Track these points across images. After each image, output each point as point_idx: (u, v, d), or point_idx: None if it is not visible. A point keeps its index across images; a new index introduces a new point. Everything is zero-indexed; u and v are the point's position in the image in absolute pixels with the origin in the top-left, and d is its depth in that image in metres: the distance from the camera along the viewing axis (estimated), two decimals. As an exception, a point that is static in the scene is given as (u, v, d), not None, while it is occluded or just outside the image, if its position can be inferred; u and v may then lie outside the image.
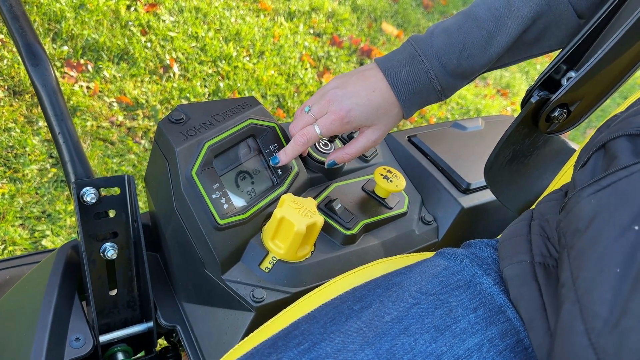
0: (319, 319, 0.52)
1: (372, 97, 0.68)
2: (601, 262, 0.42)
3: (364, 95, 0.68)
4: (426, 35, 0.69)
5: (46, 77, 0.73)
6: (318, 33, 2.86)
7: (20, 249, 1.43)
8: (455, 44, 0.66)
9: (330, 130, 0.69)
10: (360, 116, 0.69)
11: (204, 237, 0.63)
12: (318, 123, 0.69)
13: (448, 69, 0.68)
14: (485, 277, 0.56)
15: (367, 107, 0.68)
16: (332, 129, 0.69)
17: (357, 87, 0.69)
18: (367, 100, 0.68)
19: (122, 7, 2.21)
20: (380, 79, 0.69)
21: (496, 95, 3.32)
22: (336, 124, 0.68)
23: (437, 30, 0.68)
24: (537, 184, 0.78)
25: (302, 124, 0.70)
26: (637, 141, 0.48)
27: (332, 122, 0.68)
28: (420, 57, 0.68)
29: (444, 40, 0.67)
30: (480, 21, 0.66)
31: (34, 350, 0.61)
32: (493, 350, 0.50)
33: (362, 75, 0.70)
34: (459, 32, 0.66)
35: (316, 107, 0.70)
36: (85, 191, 0.64)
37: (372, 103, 0.68)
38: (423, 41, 0.68)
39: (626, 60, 0.62)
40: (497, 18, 0.65)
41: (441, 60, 0.67)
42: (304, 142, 0.69)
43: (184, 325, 0.70)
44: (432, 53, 0.67)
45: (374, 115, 0.69)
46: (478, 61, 0.67)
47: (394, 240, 0.77)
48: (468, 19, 0.66)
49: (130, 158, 1.78)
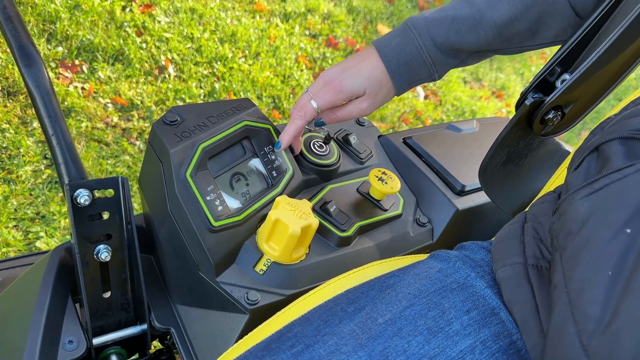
0: (313, 321, 0.52)
1: (362, 65, 0.72)
2: (593, 264, 0.42)
3: (355, 65, 0.72)
4: (421, 13, 0.72)
5: (39, 78, 0.73)
6: (314, 34, 2.86)
7: (14, 251, 1.43)
8: (445, 18, 0.69)
9: (325, 101, 0.72)
10: (352, 84, 0.72)
11: (198, 239, 0.63)
12: (313, 97, 0.73)
13: (437, 41, 0.70)
14: (478, 279, 0.56)
15: (357, 74, 0.72)
16: (327, 100, 0.72)
17: (351, 61, 0.73)
18: (357, 68, 0.72)
19: (118, 8, 2.21)
20: (372, 52, 0.73)
21: (491, 97, 3.33)
22: (329, 93, 0.72)
23: (432, 9, 0.72)
24: (532, 186, 0.78)
25: (299, 102, 0.74)
26: (630, 144, 0.48)
27: (326, 92, 0.72)
28: (410, 28, 0.71)
29: (435, 14, 0.70)
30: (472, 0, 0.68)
31: (27, 352, 0.60)
32: (486, 352, 0.50)
33: (358, 55, 0.75)
34: (450, 7, 0.70)
35: (313, 86, 0.74)
36: (78, 193, 0.64)
37: (363, 71, 0.72)
38: (415, 17, 0.72)
39: (620, 63, 0.63)
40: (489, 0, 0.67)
41: (430, 31, 0.70)
42: (301, 116, 0.72)
43: (178, 328, 0.70)
44: (422, 25, 0.70)
45: (365, 82, 0.72)
46: (467, 38, 0.69)
47: (389, 242, 0.77)
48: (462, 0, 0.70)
49: (125, 159, 1.77)
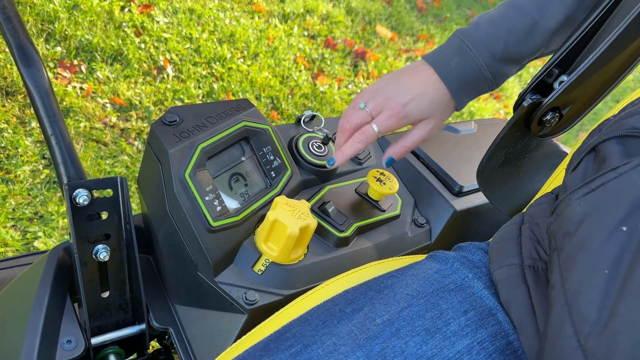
0: (311, 321, 0.52)
1: (426, 90, 0.70)
2: (590, 265, 0.42)
3: (418, 89, 0.70)
4: (471, 27, 0.70)
5: (38, 78, 0.73)
6: (312, 35, 2.86)
7: (12, 251, 1.42)
8: (500, 32, 0.68)
9: (388, 127, 0.70)
10: (416, 110, 0.70)
11: (197, 239, 0.63)
12: (375, 121, 0.70)
13: (496, 56, 0.69)
14: (475, 280, 0.56)
15: (422, 100, 0.69)
16: (389, 125, 0.70)
17: (411, 82, 0.70)
18: (421, 93, 0.69)
19: (116, 8, 2.21)
20: (431, 72, 0.70)
21: (489, 99, 3.34)
22: (393, 120, 0.70)
23: (482, 21, 0.70)
24: (529, 187, 0.78)
25: (357, 120, 0.71)
26: (628, 142, 0.48)
27: (389, 118, 0.70)
28: (468, 47, 0.69)
29: (490, 29, 0.69)
30: (522, 9, 0.68)
31: (25, 352, 0.60)
32: (483, 352, 0.50)
33: (413, 70, 0.72)
34: (503, 21, 0.68)
35: (372, 103, 0.71)
36: (77, 193, 0.64)
37: (426, 96, 0.70)
38: (469, 32, 0.70)
39: (618, 64, 0.63)
40: (539, 4, 0.67)
41: (488, 48, 0.69)
42: (362, 141, 0.71)
43: (177, 328, 0.70)
44: (479, 42, 0.69)
45: (429, 108, 0.70)
46: (525, 47, 0.68)
47: (387, 243, 0.77)
48: (511, 8, 0.69)
49: (123, 159, 1.77)
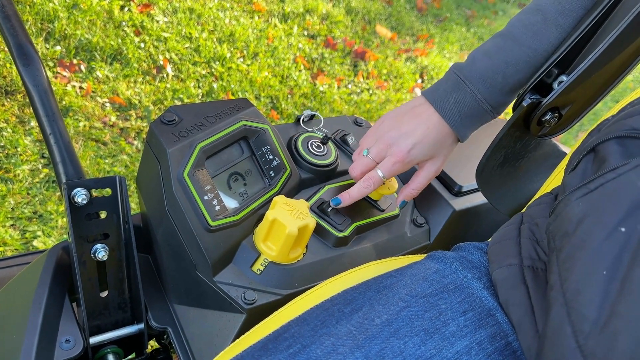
0: (310, 321, 0.52)
1: (428, 133, 0.70)
2: (589, 265, 0.42)
3: (420, 133, 0.70)
4: (467, 61, 0.70)
5: (37, 77, 0.73)
6: (312, 35, 2.86)
7: (11, 250, 1.42)
8: (498, 64, 0.67)
9: (393, 172, 0.72)
10: (420, 153, 0.71)
11: (196, 239, 0.63)
12: (380, 167, 0.72)
13: (495, 88, 0.68)
14: (474, 280, 0.56)
15: (424, 144, 0.70)
16: (394, 171, 0.71)
17: (412, 126, 0.70)
18: (423, 137, 0.70)
19: (116, 7, 2.21)
20: (431, 113, 0.71)
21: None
22: (397, 166, 0.71)
23: (478, 55, 0.69)
24: (528, 187, 0.78)
25: (362, 168, 0.73)
26: (627, 143, 0.48)
27: (394, 164, 0.71)
28: (464, 83, 0.69)
29: (486, 62, 0.68)
30: (518, 39, 0.67)
31: (24, 351, 0.60)
32: (482, 353, 0.50)
33: (412, 112, 0.72)
34: (500, 53, 0.67)
35: (374, 150, 0.72)
36: (76, 192, 0.64)
37: (429, 139, 0.70)
38: (465, 67, 0.69)
39: (617, 65, 0.63)
40: (534, 33, 0.66)
41: (486, 82, 0.68)
42: (368, 186, 0.72)
43: (175, 327, 0.70)
44: (477, 77, 0.68)
45: (432, 149, 0.71)
46: (525, 74, 0.68)
47: (386, 243, 0.77)
48: (507, 40, 0.68)
49: (122, 159, 1.77)
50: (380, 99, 2.66)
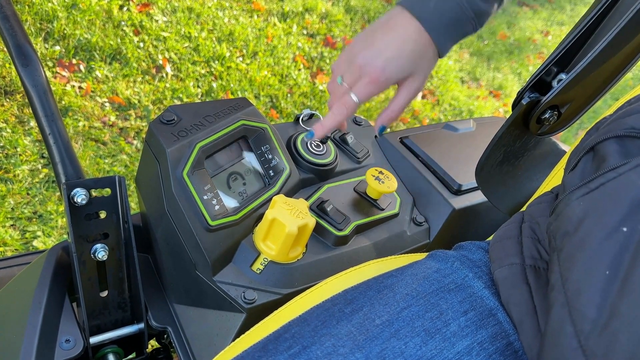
0: (310, 321, 0.52)
1: (404, 46, 0.64)
2: (590, 265, 0.42)
3: (395, 47, 0.64)
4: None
5: (36, 78, 0.73)
6: (311, 34, 2.86)
7: (11, 250, 1.42)
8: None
9: (368, 94, 0.66)
10: (396, 70, 0.65)
11: (195, 238, 0.63)
12: (354, 90, 0.66)
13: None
14: (476, 279, 0.56)
15: (401, 59, 0.64)
16: (369, 92, 0.66)
17: (386, 40, 0.65)
18: (399, 51, 0.64)
19: (115, 7, 2.21)
20: (407, 21, 0.64)
21: (488, 97, 3.33)
22: (372, 87, 0.65)
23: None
24: (528, 186, 0.78)
25: (337, 95, 0.68)
26: (626, 142, 0.48)
27: (367, 85, 0.66)
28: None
29: None
30: None
31: (24, 351, 0.60)
32: (483, 353, 0.50)
33: (386, 25, 0.66)
34: None
35: (347, 75, 0.67)
36: (75, 192, 0.64)
37: (406, 52, 0.64)
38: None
39: (617, 62, 0.63)
40: None
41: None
42: (342, 113, 0.67)
43: (175, 327, 0.70)
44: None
45: (410, 64, 0.65)
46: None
47: (386, 242, 0.77)
48: None
49: (122, 158, 1.77)
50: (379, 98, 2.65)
